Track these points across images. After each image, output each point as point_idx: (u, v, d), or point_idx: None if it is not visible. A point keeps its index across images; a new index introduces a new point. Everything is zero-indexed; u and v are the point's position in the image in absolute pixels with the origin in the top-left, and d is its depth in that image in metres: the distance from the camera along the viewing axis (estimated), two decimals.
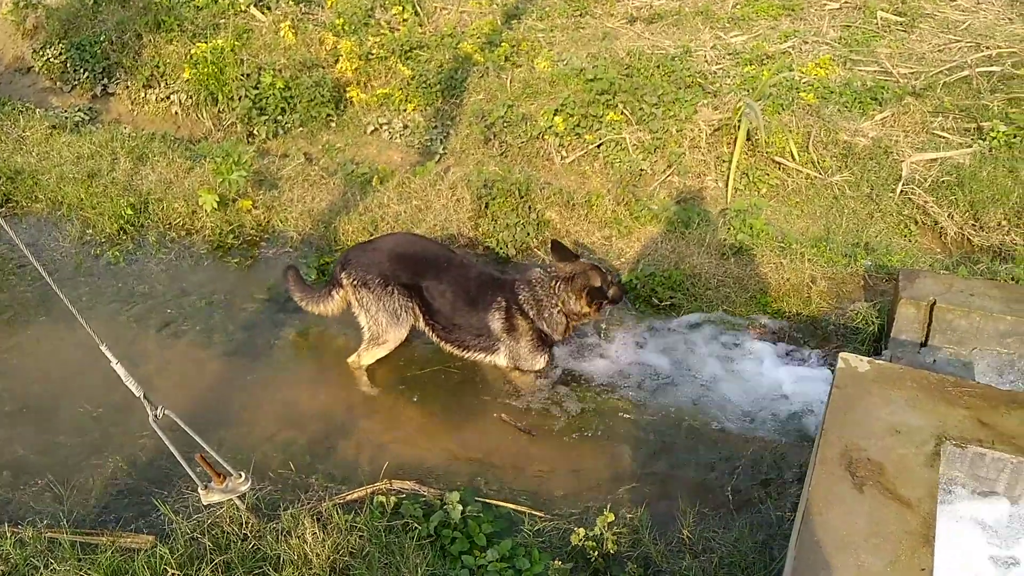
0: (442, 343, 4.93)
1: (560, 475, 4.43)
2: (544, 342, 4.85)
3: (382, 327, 4.82)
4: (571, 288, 4.74)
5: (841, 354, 3.35)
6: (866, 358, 3.35)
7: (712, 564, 3.75)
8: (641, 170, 6.80)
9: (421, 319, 4.89)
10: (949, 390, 3.17)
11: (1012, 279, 5.26)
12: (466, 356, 4.93)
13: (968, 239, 6.20)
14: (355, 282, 4.80)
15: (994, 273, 5.40)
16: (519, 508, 4.14)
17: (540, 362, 4.91)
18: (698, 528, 3.94)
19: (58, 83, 8.36)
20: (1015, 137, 6.65)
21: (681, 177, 6.80)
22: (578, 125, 7.03)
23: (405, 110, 7.47)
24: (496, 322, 4.77)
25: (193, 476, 3.55)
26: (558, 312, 4.78)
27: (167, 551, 3.65)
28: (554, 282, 4.77)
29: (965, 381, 3.27)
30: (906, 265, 5.56)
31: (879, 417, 3.07)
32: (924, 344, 4.57)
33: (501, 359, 4.89)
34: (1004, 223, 6.19)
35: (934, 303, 4.51)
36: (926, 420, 3.05)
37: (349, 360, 4.96)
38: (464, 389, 4.95)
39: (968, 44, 8.09)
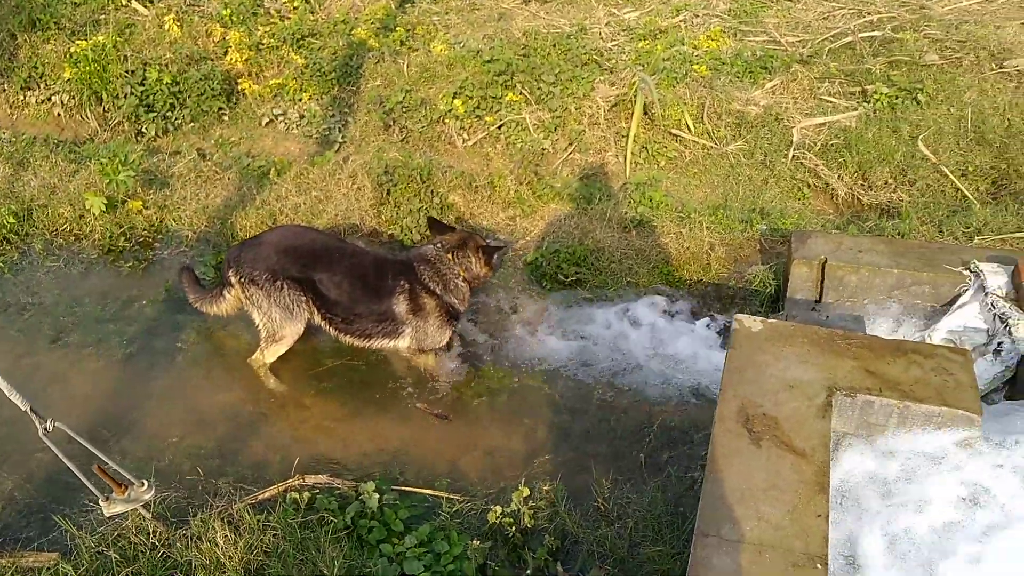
0: (341, 335, 4.84)
1: (477, 456, 4.45)
2: (450, 316, 4.85)
3: (276, 323, 4.72)
4: (468, 252, 4.81)
5: (736, 315, 3.44)
6: (759, 318, 3.45)
7: (627, 529, 3.82)
8: (543, 149, 6.83)
9: (316, 314, 4.78)
10: (838, 343, 3.30)
11: (898, 234, 5.49)
12: (368, 345, 4.86)
13: (858, 199, 6.45)
14: (243, 279, 4.68)
15: (881, 230, 5.62)
16: (436, 493, 4.14)
17: (446, 337, 4.91)
18: (612, 496, 4.01)
19: None
20: (897, 98, 6.93)
21: (582, 154, 6.86)
22: (478, 107, 7.02)
23: (300, 100, 7.31)
24: (401, 305, 4.72)
25: (93, 489, 3.42)
26: (462, 281, 4.81)
27: (70, 568, 3.52)
28: (451, 253, 4.79)
29: (853, 333, 3.41)
30: (800, 227, 5.74)
31: (773, 374, 3.18)
32: (818, 301, 4.74)
33: (404, 342, 4.84)
34: (891, 181, 6.46)
35: (825, 261, 4.68)
36: (817, 373, 3.17)
37: (251, 360, 4.85)
38: (373, 379, 4.90)
39: (850, 11, 8.40)
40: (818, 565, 2.47)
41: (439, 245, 4.82)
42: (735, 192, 6.45)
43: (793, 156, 6.64)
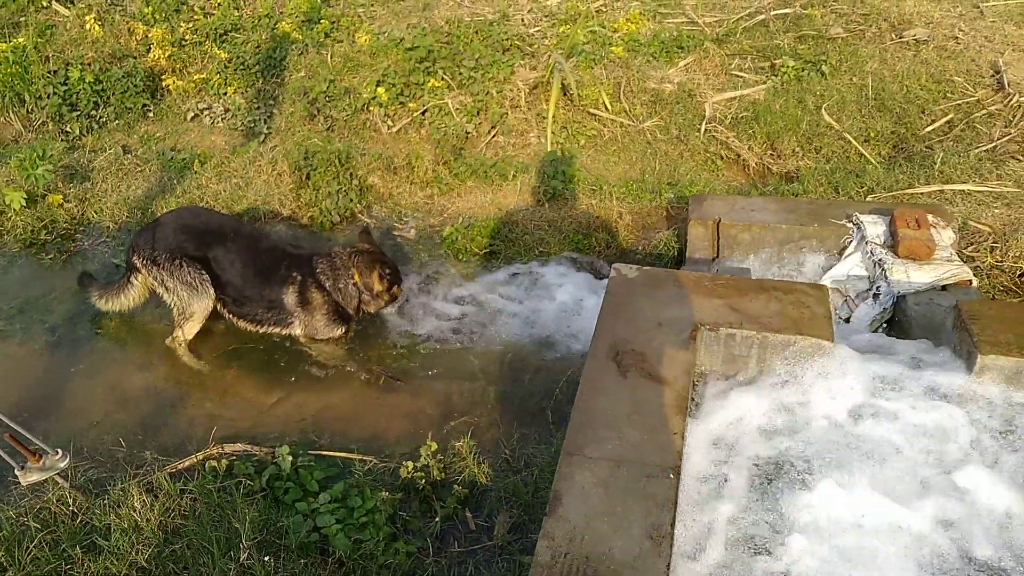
0: (235, 319, 4.98)
1: (396, 421, 4.60)
2: (339, 314, 4.98)
3: (184, 300, 4.85)
4: (366, 260, 4.92)
5: (613, 264, 3.65)
6: (635, 266, 3.66)
7: (533, 477, 4.02)
8: (467, 133, 7.01)
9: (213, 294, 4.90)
10: (705, 284, 3.53)
11: (794, 195, 5.75)
12: (260, 330, 4.99)
13: (768, 168, 6.72)
14: (145, 261, 4.82)
15: (781, 192, 5.88)
16: (350, 456, 4.29)
17: (337, 331, 5.03)
18: (519, 448, 4.21)
19: None
20: (803, 70, 7.23)
21: (505, 136, 7.05)
22: (401, 94, 7.18)
23: (225, 93, 7.43)
24: (291, 296, 4.87)
25: (8, 459, 3.55)
26: (352, 284, 4.92)
27: None
28: (352, 255, 4.94)
29: (721, 276, 3.64)
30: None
31: (645, 315, 3.39)
32: (715, 258, 4.98)
33: (297, 330, 4.99)
34: (798, 149, 6.75)
35: (719, 221, 4.92)
36: (685, 312, 3.39)
37: (168, 341, 4.98)
38: (291, 355, 5.04)
39: None
40: (671, 475, 2.68)
41: (349, 247, 4.98)
42: (652, 167, 6.68)
43: (706, 130, 6.89)
